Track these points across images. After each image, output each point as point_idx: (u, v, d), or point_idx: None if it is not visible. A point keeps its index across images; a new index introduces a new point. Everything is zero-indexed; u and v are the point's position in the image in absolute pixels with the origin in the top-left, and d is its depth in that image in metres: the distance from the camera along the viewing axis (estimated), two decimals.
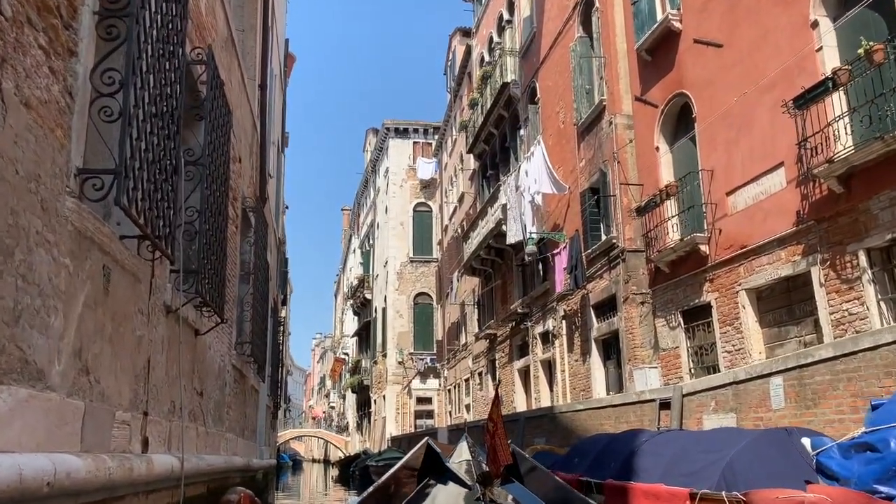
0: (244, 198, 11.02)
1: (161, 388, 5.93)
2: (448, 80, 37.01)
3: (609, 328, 16.02)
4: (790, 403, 7.66)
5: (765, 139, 10.56)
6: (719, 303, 11.59)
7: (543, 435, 14.42)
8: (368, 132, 50.45)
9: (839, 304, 9.09)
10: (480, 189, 27.75)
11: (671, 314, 13.02)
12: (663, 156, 13.53)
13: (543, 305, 20.17)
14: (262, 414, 15.85)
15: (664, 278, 13.21)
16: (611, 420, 11.71)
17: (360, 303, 49.83)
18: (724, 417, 8.79)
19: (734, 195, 11.31)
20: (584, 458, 8.23)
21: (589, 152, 17.27)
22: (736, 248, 11.17)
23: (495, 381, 25.94)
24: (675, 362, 12.85)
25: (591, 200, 16.95)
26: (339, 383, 65.79)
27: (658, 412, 10.21)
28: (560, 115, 19.33)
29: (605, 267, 16.15)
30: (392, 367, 41.03)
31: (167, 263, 6.10)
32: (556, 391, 19.05)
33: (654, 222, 13.33)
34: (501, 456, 6.60)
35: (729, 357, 11.31)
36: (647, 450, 7.02)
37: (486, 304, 27.10)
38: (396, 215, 41.62)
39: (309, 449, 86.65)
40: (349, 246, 64.10)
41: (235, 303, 10.31)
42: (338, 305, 77.88)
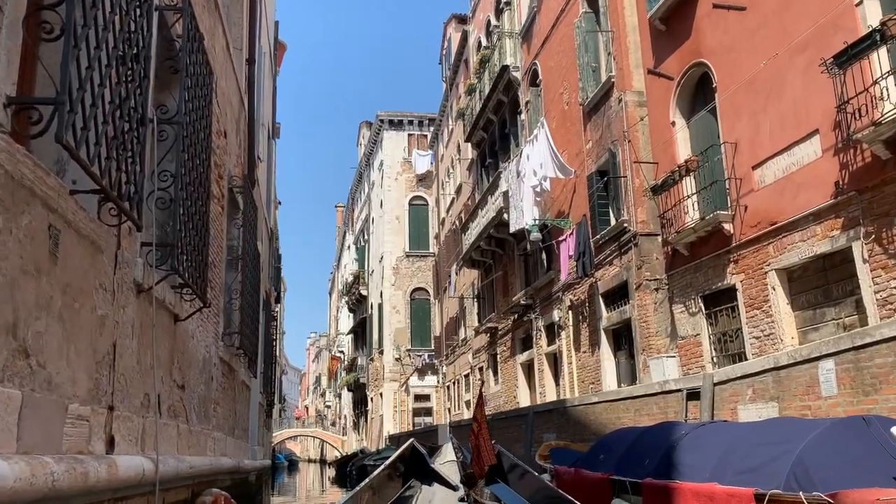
0: (231, 176, 10.15)
1: (132, 378, 5.07)
2: (443, 69, 36.12)
3: (620, 317, 15.19)
4: (844, 390, 6.83)
5: (797, 105, 9.73)
6: (745, 285, 10.76)
7: (553, 430, 13.59)
8: (362, 125, 49.51)
9: (886, 282, 8.26)
10: (479, 179, 26.89)
11: (691, 299, 12.19)
12: (679, 131, 12.69)
13: (548, 296, 19.32)
14: (255, 412, 14.97)
15: (682, 261, 12.38)
16: (630, 413, 10.87)
17: (355, 299, 48.91)
18: (763, 407, 7.95)
19: (761, 168, 10.47)
20: (612, 455, 7.39)
21: (596, 133, 16.43)
22: (764, 226, 10.34)
23: (495, 376, 25.14)
24: (696, 351, 12.03)
25: (599, 184, 16.11)
26: (335, 382, 64.87)
27: (685, 403, 9.38)
28: (564, 96, 18.48)
29: (616, 253, 15.32)
30: (389, 365, 40.15)
31: (137, 235, 5.25)
32: (562, 385, 18.22)
33: (671, 202, 12.49)
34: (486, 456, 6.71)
35: (757, 343, 10.49)
36: (689, 444, 6.18)
37: (486, 297, 26.25)
38: (392, 209, 40.72)
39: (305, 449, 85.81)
40: (343, 243, 63.16)
41: (222, 290, 9.44)
42: (332, 303, 76.98)
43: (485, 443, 7.11)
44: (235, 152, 10.92)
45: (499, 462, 7.96)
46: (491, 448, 7.25)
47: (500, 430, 16.97)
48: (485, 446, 7.07)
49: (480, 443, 7.03)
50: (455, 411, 31.96)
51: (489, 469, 7.32)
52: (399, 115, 41.45)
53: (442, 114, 35.43)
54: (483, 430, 7.17)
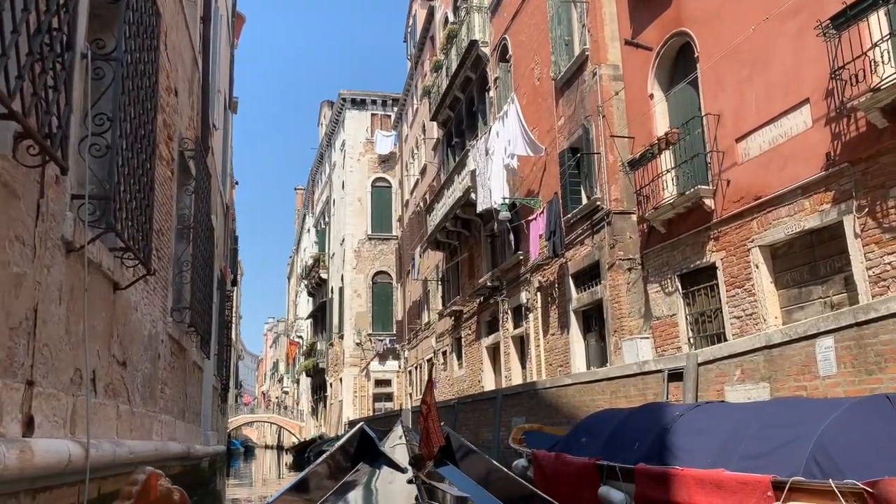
0: (182, 139, 9.34)
1: (59, 350, 4.35)
2: (408, 47, 35.27)
3: (591, 298, 14.74)
4: (845, 369, 6.39)
5: (786, 74, 9.28)
6: (726, 263, 10.34)
7: (523, 414, 13.09)
8: (323, 105, 48.34)
9: (879, 257, 7.87)
10: (445, 159, 26.23)
11: (667, 278, 11.75)
12: (658, 104, 12.20)
13: (516, 278, 18.82)
14: (208, 395, 14.17)
15: (659, 239, 11.93)
16: (605, 395, 10.40)
17: (315, 283, 47.94)
18: (752, 388, 7.51)
19: (746, 140, 10.03)
20: (595, 439, 6.86)
21: (569, 109, 15.90)
22: (748, 201, 9.92)
23: (459, 360, 24.64)
24: (672, 331, 11.61)
25: (571, 161, 15.59)
26: (293, 367, 63.82)
27: (666, 385, 8.92)
28: (535, 71, 17.90)
29: (588, 232, 14.84)
30: (349, 349, 39.41)
31: (67, 184, 4.51)
32: (529, 368, 17.76)
33: (648, 177, 12.02)
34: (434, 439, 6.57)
35: (738, 323, 10.08)
36: (685, 427, 5.67)
37: (451, 279, 25.67)
38: (354, 191, 39.82)
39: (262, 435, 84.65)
40: (303, 226, 61.95)
41: (171, 261, 8.67)
42: (291, 288, 75.71)
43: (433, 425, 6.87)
44: (188, 114, 10.11)
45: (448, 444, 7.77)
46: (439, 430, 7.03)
47: (467, 413, 16.46)
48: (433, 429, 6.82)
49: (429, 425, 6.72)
50: (417, 396, 31.40)
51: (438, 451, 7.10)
52: (362, 94, 40.49)
53: (406, 93, 34.62)
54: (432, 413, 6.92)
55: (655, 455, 5.65)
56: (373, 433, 8.19)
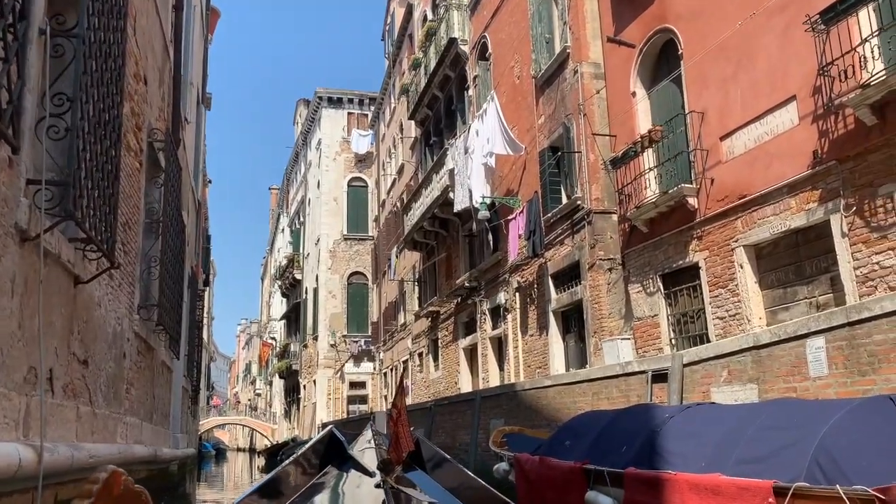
0: (152, 129, 8.97)
1: (10, 347, 4.01)
2: (386, 45, 34.94)
3: (570, 299, 14.55)
4: (837, 370, 6.22)
5: (772, 71, 9.15)
6: (710, 263, 10.19)
7: (502, 416, 12.84)
8: (299, 103, 47.81)
9: (868, 257, 7.75)
10: (423, 158, 25.95)
11: (648, 279, 11.58)
12: (640, 102, 12.04)
13: (494, 278, 18.59)
14: (178, 397, 13.75)
15: (641, 239, 11.76)
16: (587, 397, 10.19)
17: (289, 284, 47.35)
18: (740, 390, 7.33)
19: (730, 139, 9.89)
20: (580, 441, 6.62)
21: (549, 107, 15.71)
22: (732, 200, 9.77)
23: (436, 362, 24.37)
24: (653, 332, 11.44)
25: (551, 160, 15.40)
26: (266, 369, 63.06)
27: (650, 386, 8.72)
28: (515, 69, 17.70)
29: (568, 232, 14.65)
30: (323, 351, 38.93)
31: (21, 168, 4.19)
32: (507, 370, 17.54)
33: (630, 176, 11.85)
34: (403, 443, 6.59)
35: (721, 324, 9.93)
36: (675, 429, 5.45)
37: (428, 280, 25.39)
38: (329, 190, 39.37)
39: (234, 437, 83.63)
40: (277, 226, 61.26)
41: (139, 256, 8.30)
42: (265, 288, 74.88)
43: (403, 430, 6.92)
44: (158, 105, 9.73)
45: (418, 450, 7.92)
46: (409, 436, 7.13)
47: (444, 416, 16.19)
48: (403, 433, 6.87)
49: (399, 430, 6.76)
50: (392, 398, 31.05)
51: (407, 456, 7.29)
52: (339, 92, 40.07)
53: (384, 92, 34.29)
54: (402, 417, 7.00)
55: (645, 458, 5.42)
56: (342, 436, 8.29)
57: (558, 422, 10.81)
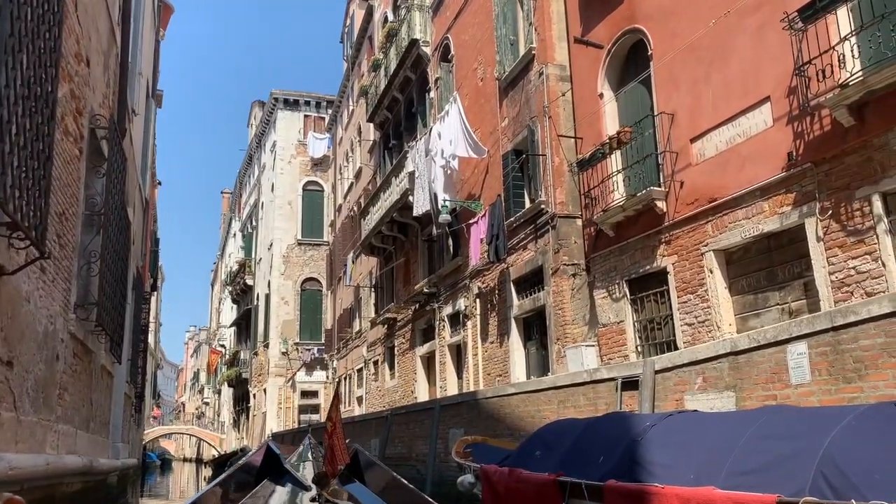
0: (94, 115, 8.33)
1: None
2: (345, 48, 34.39)
3: (533, 305, 14.21)
4: (820, 377, 5.95)
5: (745, 72, 8.96)
6: (678, 268, 9.94)
7: (462, 425, 12.40)
8: (254, 105, 46.83)
9: (843, 262, 7.55)
10: (382, 161, 25.45)
11: (614, 284, 11.30)
12: (608, 103, 11.80)
13: (454, 284, 18.18)
14: (119, 404, 12.96)
15: (607, 243, 11.48)
16: (552, 405, 9.82)
17: (239, 289, 46.17)
18: (716, 398, 7.03)
19: (701, 141, 9.67)
20: (551, 452, 6.22)
21: (514, 110, 15.41)
22: (702, 203, 9.54)
23: (392, 370, 23.82)
24: (619, 339, 11.15)
25: (514, 163, 15.09)
26: (215, 377, 61.46)
27: (619, 394, 8.38)
28: (479, 71, 17.38)
29: (531, 236, 14.33)
30: (275, 359, 37.98)
31: None
32: (466, 378, 17.12)
33: (597, 178, 11.58)
34: (339, 456, 6.90)
35: (690, 331, 9.67)
36: (659, 438, 5.08)
37: (385, 286, 24.86)
38: (284, 194, 38.53)
39: (180, 447, 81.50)
40: (229, 230, 59.90)
41: (77, 251, 7.64)
42: (214, 295, 73.20)
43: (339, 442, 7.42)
44: (102, 90, 9.07)
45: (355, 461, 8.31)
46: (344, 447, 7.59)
47: (401, 425, 15.67)
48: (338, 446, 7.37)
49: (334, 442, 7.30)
50: (346, 407, 30.35)
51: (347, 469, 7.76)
52: (295, 94, 39.32)
53: (342, 95, 33.70)
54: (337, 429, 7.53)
55: (625, 470, 5.04)
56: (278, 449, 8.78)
57: (522, 431, 10.42)
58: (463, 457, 7.98)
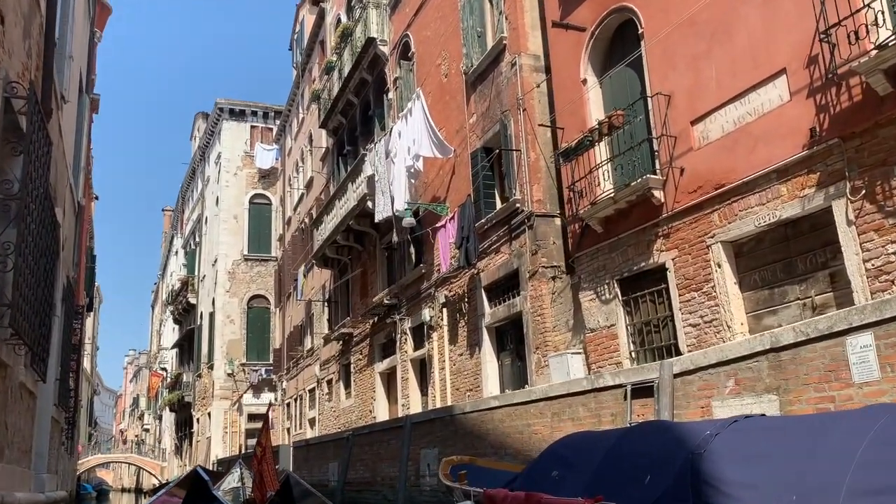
0: (9, 82, 6.99)
1: None
2: (294, 55, 33.09)
3: (507, 312, 13.16)
4: (891, 373, 5.01)
5: (754, 44, 8.13)
6: (679, 263, 9.02)
7: (435, 444, 11.21)
8: (197, 117, 44.98)
9: (881, 247, 6.71)
10: (335, 169, 24.18)
11: (603, 285, 10.33)
12: (592, 89, 10.90)
13: (417, 294, 17.01)
14: (45, 429, 11.33)
15: (594, 240, 10.52)
16: (544, 419, 8.73)
17: (182, 309, 44.00)
18: (753, 402, 6.05)
19: (704, 122, 8.80)
20: (574, 472, 5.13)
21: (483, 105, 14.43)
22: (707, 190, 8.65)
23: (347, 389, 22.43)
24: (610, 344, 10.16)
25: (484, 161, 14.09)
26: (156, 402, 58.59)
27: (629, 402, 7.35)
28: (443, 67, 16.39)
29: (504, 238, 13.31)
30: (220, 381, 36.04)
31: None
32: (431, 394, 15.92)
33: (581, 170, 10.63)
34: (268, 482, 7.15)
35: (695, 332, 8.73)
36: (729, 450, 4.04)
37: (339, 300, 23.50)
38: (229, 207, 36.81)
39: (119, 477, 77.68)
40: (170, 248, 57.46)
41: None
42: (155, 316, 70.21)
43: (268, 468, 7.48)
44: (21, 59, 7.71)
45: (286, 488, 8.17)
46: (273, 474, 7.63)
47: (364, 446, 14.36)
48: (268, 471, 7.42)
49: (263, 468, 7.36)
50: (297, 430, 28.71)
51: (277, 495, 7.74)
52: (241, 103, 37.75)
53: (291, 103, 32.34)
54: (267, 455, 7.54)
55: (689, 492, 3.98)
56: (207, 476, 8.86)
57: (508, 449, 9.31)
58: (457, 480, 6.82)
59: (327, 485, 16.49)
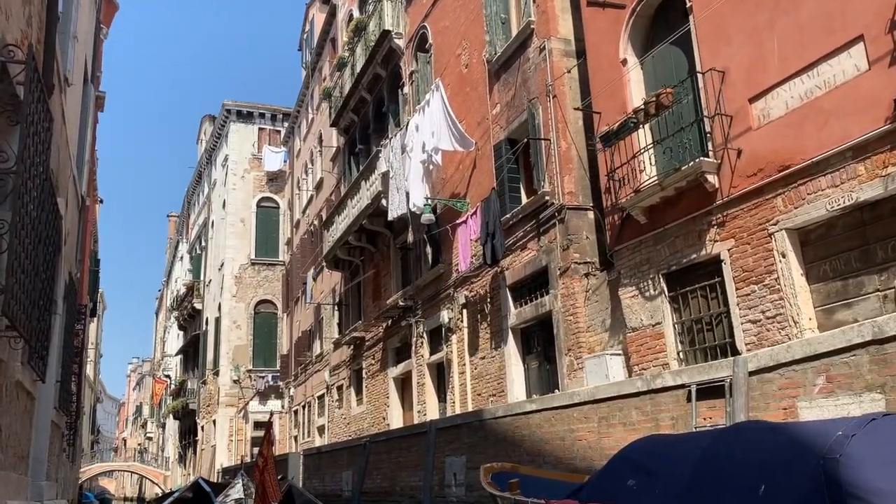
0: (5, 45, 6.28)
1: None
2: (304, 55, 32.47)
3: (535, 312, 12.39)
4: None
5: (825, 11, 7.40)
6: (736, 254, 8.25)
7: (463, 451, 10.42)
8: (204, 120, 44.37)
9: None
10: (347, 169, 23.48)
11: (647, 280, 9.56)
12: (632, 70, 10.16)
13: (434, 295, 16.25)
14: (44, 433, 10.56)
15: (637, 232, 9.76)
16: (591, 423, 7.94)
17: (187, 314, 43.24)
18: (851, 403, 5.27)
19: (765, 99, 8.05)
20: (657, 480, 4.37)
21: (507, 94, 13.71)
22: (769, 173, 7.90)
23: (359, 395, 21.64)
24: (654, 345, 9.38)
25: (509, 153, 13.35)
26: (159, 410, 57.79)
27: (694, 404, 6.57)
28: (462, 57, 15.68)
29: (532, 234, 12.56)
30: (225, 388, 35.26)
31: None
32: (450, 400, 15.13)
33: (622, 156, 9.88)
34: (270, 492, 7.39)
35: (755, 329, 7.96)
36: (874, 455, 3.29)
37: (351, 303, 22.74)
38: (236, 210, 36.13)
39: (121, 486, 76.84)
40: (175, 254, 56.81)
41: None
42: (159, 323, 69.51)
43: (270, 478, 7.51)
44: (20, 25, 7.01)
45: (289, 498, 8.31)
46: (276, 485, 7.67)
47: (381, 454, 13.56)
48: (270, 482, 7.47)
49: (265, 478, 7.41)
50: (305, 438, 27.91)
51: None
52: (249, 105, 37.14)
53: (300, 104, 31.70)
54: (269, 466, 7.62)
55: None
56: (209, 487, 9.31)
57: (545, 457, 8.52)
58: (495, 487, 6.04)
59: (341, 494, 15.69)
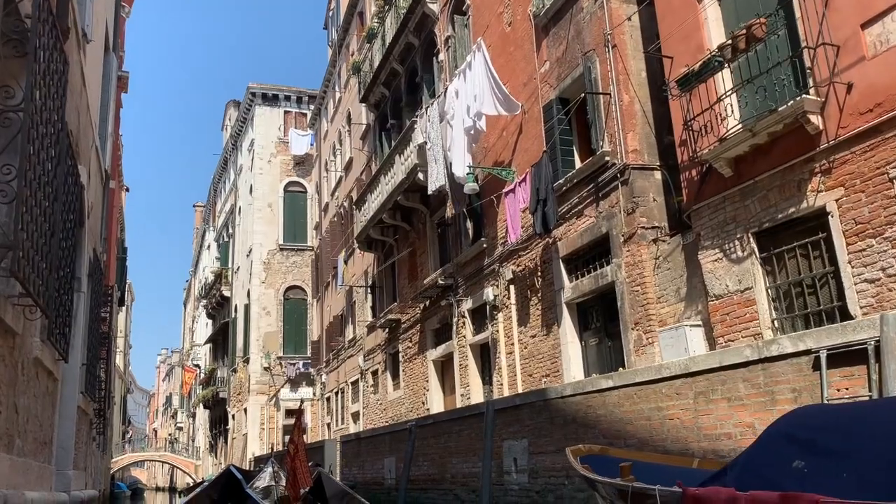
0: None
1: None
2: (329, 33, 31.54)
3: (594, 284, 11.36)
4: None
5: None
6: (847, 205, 7.17)
7: (524, 435, 9.45)
8: (229, 105, 43.67)
9: None
10: (378, 146, 22.56)
11: (734, 240, 8.50)
12: (709, 6, 9.07)
13: (477, 271, 15.27)
14: (70, 419, 9.77)
15: (720, 187, 8.69)
16: (686, 399, 6.92)
17: (215, 302, 42.74)
18: None
19: (881, 23, 6.95)
20: (840, 461, 3.38)
21: (558, 49, 12.64)
22: (888, 108, 6.80)
23: (395, 380, 20.78)
24: (743, 313, 8.32)
25: (561, 113, 12.31)
26: (189, 400, 57.62)
27: (823, 373, 5.53)
28: (505, 15, 14.62)
29: (590, 199, 11.53)
30: (256, 375, 34.65)
31: None
32: (497, 382, 14.18)
33: (701, 104, 8.80)
34: (301, 479, 7.68)
35: (872, 290, 6.89)
36: None
37: (384, 285, 21.86)
38: (263, 195, 35.39)
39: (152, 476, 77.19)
40: (203, 243, 56.39)
41: None
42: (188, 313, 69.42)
43: (301, 465, 7.64)
44: None
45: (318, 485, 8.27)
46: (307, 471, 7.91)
47: (427, 439, 12.65)
48: (301, 469, 7.60)
49: (297, 465, 7.55)
50: (338, 426, 27.16)
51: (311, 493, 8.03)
52: (274, 88, 36.31)
53: (327, 83, 30.78)
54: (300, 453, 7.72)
55: None
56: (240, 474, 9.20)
57: (627, 439, 7.53)
58: (591, 471, 5.07)
59: (382, 482, 14.83)
